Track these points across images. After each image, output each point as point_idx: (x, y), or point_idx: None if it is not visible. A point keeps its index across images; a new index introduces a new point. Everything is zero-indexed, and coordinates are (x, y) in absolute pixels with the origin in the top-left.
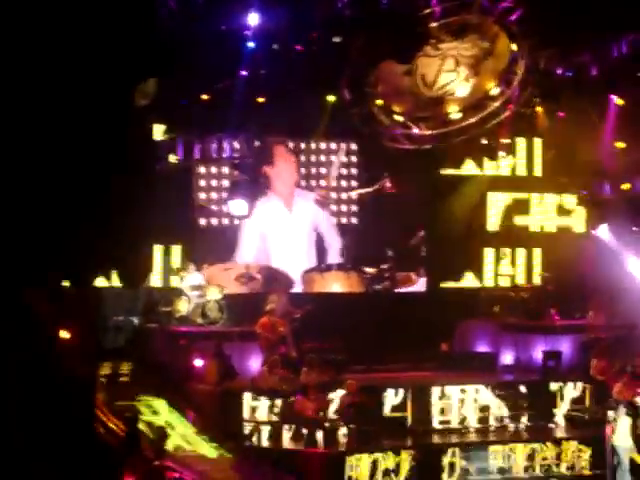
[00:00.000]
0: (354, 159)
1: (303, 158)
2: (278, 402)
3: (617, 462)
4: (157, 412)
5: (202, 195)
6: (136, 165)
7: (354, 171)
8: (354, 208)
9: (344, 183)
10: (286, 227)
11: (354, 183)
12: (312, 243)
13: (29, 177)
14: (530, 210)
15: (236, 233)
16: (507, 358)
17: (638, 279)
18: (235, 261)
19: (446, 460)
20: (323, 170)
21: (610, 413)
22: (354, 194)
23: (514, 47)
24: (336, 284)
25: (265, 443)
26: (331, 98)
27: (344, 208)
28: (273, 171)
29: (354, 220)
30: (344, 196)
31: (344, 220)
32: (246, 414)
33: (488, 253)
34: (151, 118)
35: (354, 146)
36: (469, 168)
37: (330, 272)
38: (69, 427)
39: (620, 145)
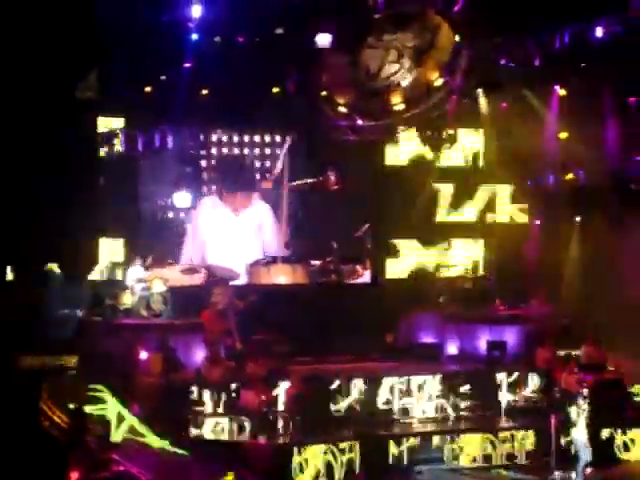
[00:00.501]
0: (299, 151)
1: (247, 151)
2: (223, 394)
3: (576, 455)
4: (102, 404)
5: (146, 187)
6: (79, 157)
7: (299, 162)
8: (298, 201)
9: (289, 175)
10: (231, 225)
11: (298, 175)
12: (258, 239)
13: None
14: (473, 201)
15: (180, 226)
16: (452, 348)
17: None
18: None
19: (393, 450)
20: (268, 163)
21: (572, 410)
22: (298, 184)
23: (457, 38)
24: (282, 277)
25: (210, 435)
26: (275, 90)
27: (288, 201)
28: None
29: (298, 212)
30: (288, 189)
31: (288, 213)
32: (191, 406)
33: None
34: (95, 110)
35: (299, 138)
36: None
37: (276, 265)
38: (14, 420)
39: (563, 136)
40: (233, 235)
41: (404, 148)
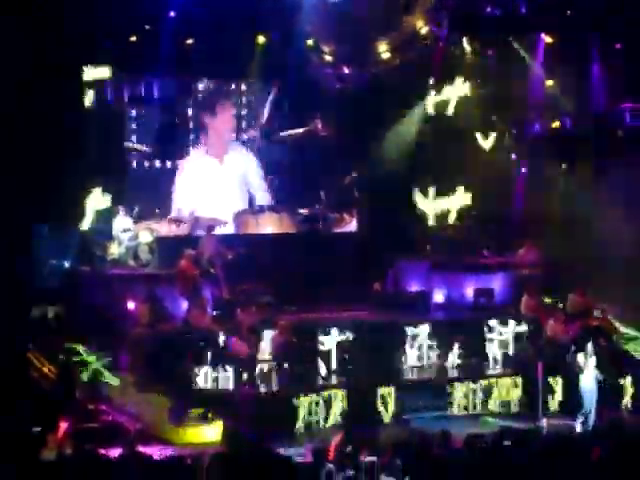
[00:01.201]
0: (285, 100)
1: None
2: (212, 344)
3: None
4: (90, 355)
5: (133, 138)
6: (64, 107)
7: (285, 112)
8: (285, 149)
9: (275, 124)
10: (218, 177)
11: (285, 124)
12: (244, 191)
13: None
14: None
15: (167, 176)
16: (439, 297)
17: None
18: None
19: (380, 398)
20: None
21: (579, 358)
22: (285, 134)
23: None
24: (269, 226)
25: (199, 384)
26: (261, 39)
27: (275, 149)
28: (211, 121)
29: (285, 161)
30: (275, 137)
31: (276, 161)
32: (180, 356)
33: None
34: (80, 59)
35: (285, 86)
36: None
37: (263, 214)
38: (2, 371)
39: (549, 83)
40: (219, 184)
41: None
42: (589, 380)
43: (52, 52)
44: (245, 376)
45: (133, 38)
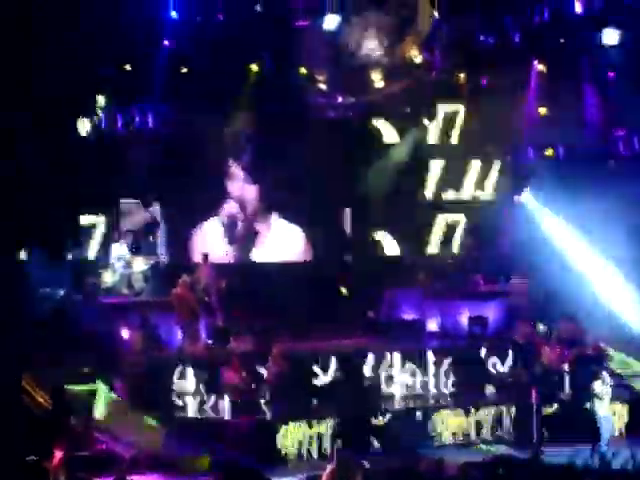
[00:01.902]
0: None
1: None
2: (205, 372)
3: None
4: (84, 383)
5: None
6: (60, 134)
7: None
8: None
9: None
10: None
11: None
12: None
13: None
14: (451, 177)
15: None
16: (433, 325)
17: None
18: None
19: (373, 427)
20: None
21: (597, 387)
22: None
23: (436, 14)
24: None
25: (193, 413)
26: (254, 68)
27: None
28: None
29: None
30: None
31: None
32: (174, 384)
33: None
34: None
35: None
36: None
37: None
38: None
39: (543, 111)
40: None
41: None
42: (605, 408)
43: (48, 80)
44: (238, 404)
45: (128, 67)
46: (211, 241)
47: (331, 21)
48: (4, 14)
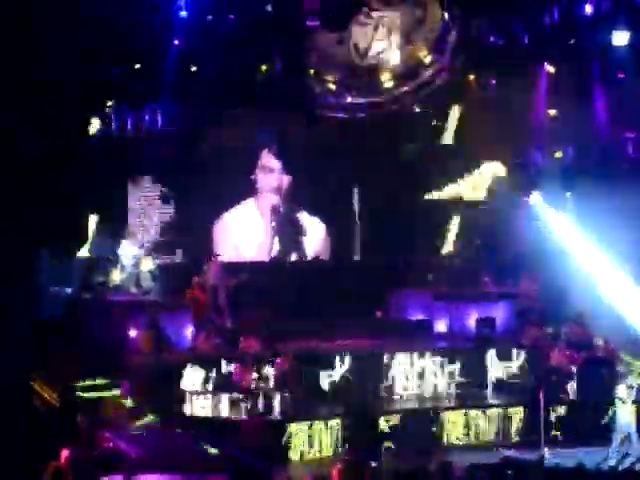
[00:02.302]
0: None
1: None
2: (214, 372)
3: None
4: (92, 383)
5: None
6: (69, 134)
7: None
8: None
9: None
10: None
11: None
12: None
13: None
14: (463, 178)
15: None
16: (441, 326)
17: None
18: None
19: (382, 427)
20: None
21: (621, 391)
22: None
23: (446, 15)
24: None
25: (201, 412)
26: (264, 67)
27: None
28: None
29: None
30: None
31: None
32: (183, 384)
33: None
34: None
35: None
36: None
37: None
38: (5, 399)
39: (552, 113)
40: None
41: None
42: (628, 413)
43: (56, 83)
44: (247, 404)
45: (137, 66)
46: (235, 233)
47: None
48: (10, 13)
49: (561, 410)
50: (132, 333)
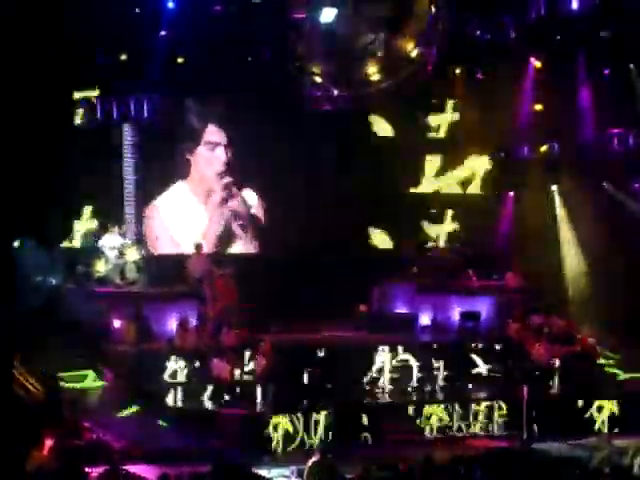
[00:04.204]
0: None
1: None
2: (196, 363)
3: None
4: (76, 372)
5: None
6: (53, 124)
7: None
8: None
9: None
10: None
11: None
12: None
13: None
14: (446, 172)
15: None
16: (425, 319)
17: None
18: None
19: (364, 420)
20: None
21: None
22: None
23: (433, 8)
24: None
25: (182, 404)
26: (250, 59)
27: None
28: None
29: None
30: None
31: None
32: (164, 375)
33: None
34: (70, 77)
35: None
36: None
37: None
38: None
39: (538, 107)
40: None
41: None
42: None
43: (43, 71)
44: (228, 396)
45: (123, 57)
46: (170, 220)
47: (328, 14)
48: None
49: (544, 404)
50: (115, 323)
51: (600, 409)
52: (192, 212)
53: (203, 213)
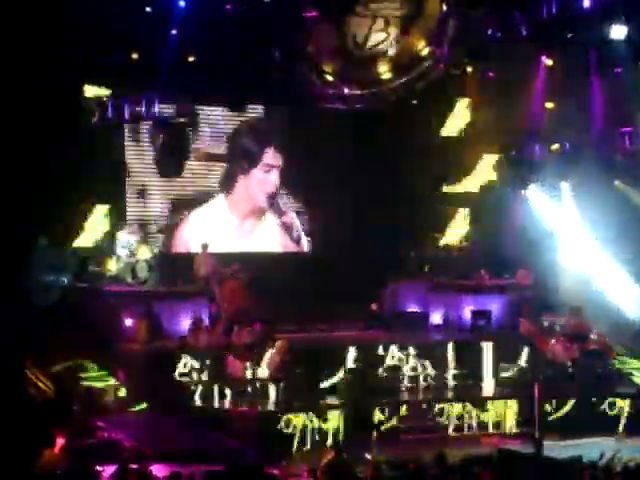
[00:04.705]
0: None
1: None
2: (209, 362)
3: None
4: (87, 372)
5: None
6: (65, 123)
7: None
8: None
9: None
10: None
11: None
12: None
13: None
14: (460, 170)
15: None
16: (437, 318)
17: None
18: None
19: (378, 418)
20: None
21: None
22: None
23: (444, 7)
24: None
25: (197, 402)
26: (262, 57)
27: None
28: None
29: None
30: None
31: None
32: (177, 374)
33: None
34: (81, 76)
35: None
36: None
37: None
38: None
39: (549, 106)
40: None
41: None
42: None
43: (53, 69)
44: (241, 395)
45: (135, 55)
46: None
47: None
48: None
49: (557, 403)
50: (127, 322)
51: (614, 407)
52: (228, 228)
53: (240, 230)
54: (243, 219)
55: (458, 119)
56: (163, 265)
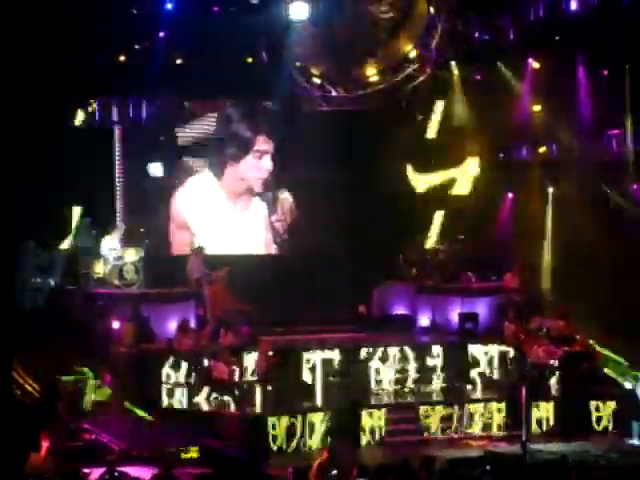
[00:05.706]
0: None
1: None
2: (195, 364)
3: None
4: (73, 374)
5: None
6: (51, 126)
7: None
8: None
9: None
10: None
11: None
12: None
13: None
14: (446, 173)
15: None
16: (424, 320)
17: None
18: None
19: (364, 421)
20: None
21: None
22: None
23: (432, 10)
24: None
25: (182, 405)
26: (249, 60)
27: None
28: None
29: None
30: None
31: None
32: (163, 376)
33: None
34: (67, 79)
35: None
36: None
37: None
38: None
39: (537, 109)
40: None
41: None
42: None
43: (38, 71)
44: (227, 397)
45: (122, 57)
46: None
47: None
48: None
49: (543, 405)
50: (114, 324)
51: (599, 408)
52: (218, 206)
53: (231, 210)
54: (234, 201)
55: (445, 121)
56: (150, 266)
